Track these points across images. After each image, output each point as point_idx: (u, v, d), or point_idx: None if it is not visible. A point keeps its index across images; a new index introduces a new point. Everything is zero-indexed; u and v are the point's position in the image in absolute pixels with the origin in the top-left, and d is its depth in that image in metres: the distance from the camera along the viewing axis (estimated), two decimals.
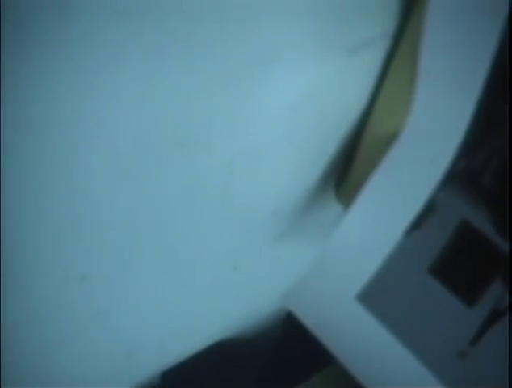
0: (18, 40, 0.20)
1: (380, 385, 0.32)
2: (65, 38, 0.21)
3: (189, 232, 0.32)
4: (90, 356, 0.35)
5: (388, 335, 0.32)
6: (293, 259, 0.38)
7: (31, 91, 0.21)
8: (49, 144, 0.23)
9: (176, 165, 0.28)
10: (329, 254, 0.33)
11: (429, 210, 0.31)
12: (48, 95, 0.22)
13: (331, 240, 0.32)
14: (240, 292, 0.39)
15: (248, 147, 0.30)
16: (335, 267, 0.33)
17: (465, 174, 0.31)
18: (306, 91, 0.30)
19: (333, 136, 0.33)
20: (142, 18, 0.22)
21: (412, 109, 0.30)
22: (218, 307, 0.39)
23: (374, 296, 0.32)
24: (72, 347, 0.33)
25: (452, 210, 0.31)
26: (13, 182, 0.23)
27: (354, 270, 0.32)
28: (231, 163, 0.30)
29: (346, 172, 0.34)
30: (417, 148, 0.30)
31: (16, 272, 0.27)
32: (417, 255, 0.32)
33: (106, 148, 0.25)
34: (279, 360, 0.47)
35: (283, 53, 0.28)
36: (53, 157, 0.24)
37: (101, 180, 0.26)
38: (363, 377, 0.33)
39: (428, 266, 0.32)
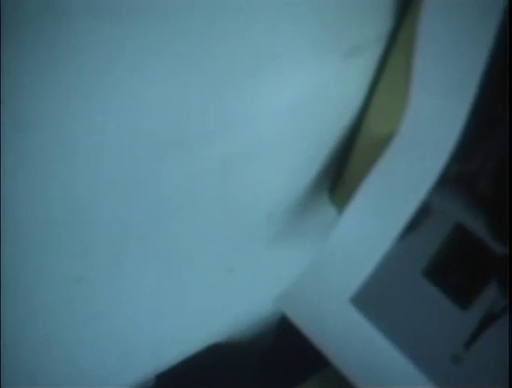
0: (14, 41, 0.20)
1: None
2: (61, 38, 0.21)
3: (184, 234, 0.32)
4: (84, 358, 0.35)
5: (382, 338, 0.32)
6: (288, 261, 0.38)
7: (28, 92, 0.21)
8: (44, 145, 0.23)
9: (170, 166, 0.28)
10: (324, 256, 0.33)
11: (423, 213, 0.31)
12: (45, 95, 0.22)
13: (325, 243, 0.32)
14: (235, 294, 0.39)
15: (242, 149, 0.30)
16: (329, 269, 0.33)
17: (460, 176, 0.31)
18: (301, 94, 0.30)
19: (328, 137, 0.33)
20: (139, 20, 0.22)
21: (406, 111, 0.29)
22: (213, 310, 0.39)
23: (368, 299, 0.32)
24: (66, 348, 0.33)
25: (447, 213, 0.31)
26: (9, 185, 0.23)
27: (348, 273, 0.32)
28: (225, 165, 0.30)
29: (340, 175, 0.34)
30: (411, 150, 0.30)
31: (11, 273, 0.27)
32: (412, 257, 0.32)
33: (101, 149, 0.25)
34: (273, 363, 0.47)
35: (279, 56, 0.28)
36: (49, 158, 0.24)
37: (96, 181, 0.26)
38: (357, 380, 0.32)
39: (422, 269, 0.32)
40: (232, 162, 0.30)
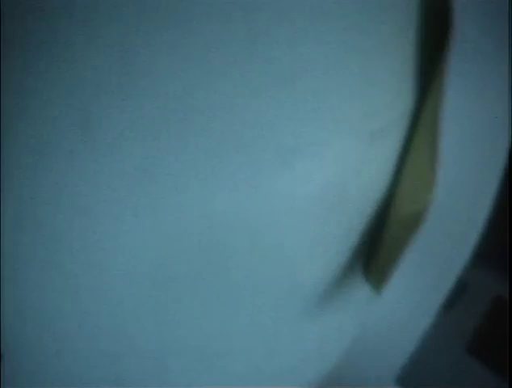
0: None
1: None
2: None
3: (221, 322, 0.32)
4: None
5: None
6: (325, 339, 0.38)
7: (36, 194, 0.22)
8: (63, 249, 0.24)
9: (195, 242, 0.28)
10: (363, 338, 0.32)
11: (461, 287, 0.31)
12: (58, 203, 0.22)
13: (363, 324, 0.32)
14: (273, 376, 0.39)
15: (269, 237, 0.30)
16: (370, 350, 0.32)
17: (491, 249, 0.30)
18: (327, 177, 0.30)
19: (358, 218, 0.33)
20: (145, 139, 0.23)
21: (435, 190, 0.30)
22: None
23: (413, 378, 0.32)
24: None
25: (484, 285, 0.31)
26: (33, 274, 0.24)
27: (389, 353, 0.32)
28: (254, 243, 0.30)
29: (373, 253, 0.34)
30: (443, 228, 0.30)
31: (47, 367, 0.27)
32: (454, 334, 0.31)
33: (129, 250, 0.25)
34: None
35: (303, 146, 0.28)
36: (71, 260, 0.24)
37: (130, 280, 0.26)
38: None
39: (465, 344, 0.31)
40: (261, 242, 0.31)
